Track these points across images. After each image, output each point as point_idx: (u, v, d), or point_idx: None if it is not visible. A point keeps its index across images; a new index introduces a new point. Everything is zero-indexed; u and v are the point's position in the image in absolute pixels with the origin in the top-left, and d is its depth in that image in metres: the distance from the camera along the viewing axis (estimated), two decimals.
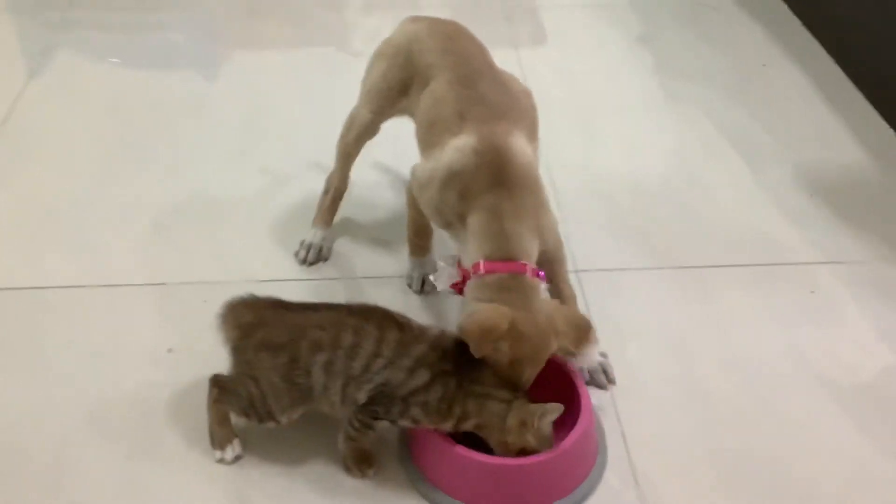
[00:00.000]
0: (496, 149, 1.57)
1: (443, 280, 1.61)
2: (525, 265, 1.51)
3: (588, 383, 1.68)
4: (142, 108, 2.55)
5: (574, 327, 1.52)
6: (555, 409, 1.44)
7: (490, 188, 1.55)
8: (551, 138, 2.09)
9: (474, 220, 1.55)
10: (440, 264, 1.63)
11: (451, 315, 1.84)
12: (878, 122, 2.54)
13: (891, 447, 1.64)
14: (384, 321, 1.49)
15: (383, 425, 1.49)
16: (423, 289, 1.90)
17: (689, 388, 1.74)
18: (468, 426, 1.46)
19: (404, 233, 2.04)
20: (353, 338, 1.46)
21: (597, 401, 1.62)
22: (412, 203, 1.76)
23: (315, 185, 2.16)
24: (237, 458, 1.55)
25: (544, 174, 1.74)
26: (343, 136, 1.96)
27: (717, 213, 2.21)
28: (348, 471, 1.54)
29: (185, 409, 1.64)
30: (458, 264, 1.61)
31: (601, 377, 1.70)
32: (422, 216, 1.76)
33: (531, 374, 1.47)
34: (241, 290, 1.73)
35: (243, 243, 2.06)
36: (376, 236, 2.08)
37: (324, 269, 1.99)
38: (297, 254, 2.00)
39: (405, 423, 1.48)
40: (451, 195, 1.59)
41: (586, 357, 1.69)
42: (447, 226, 1.64)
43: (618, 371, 1.74)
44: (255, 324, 1.51)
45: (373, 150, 2.04)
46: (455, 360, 1.46)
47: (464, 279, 1.57)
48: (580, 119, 2.52)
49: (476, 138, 1.58)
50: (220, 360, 1.55)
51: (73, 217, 2.13)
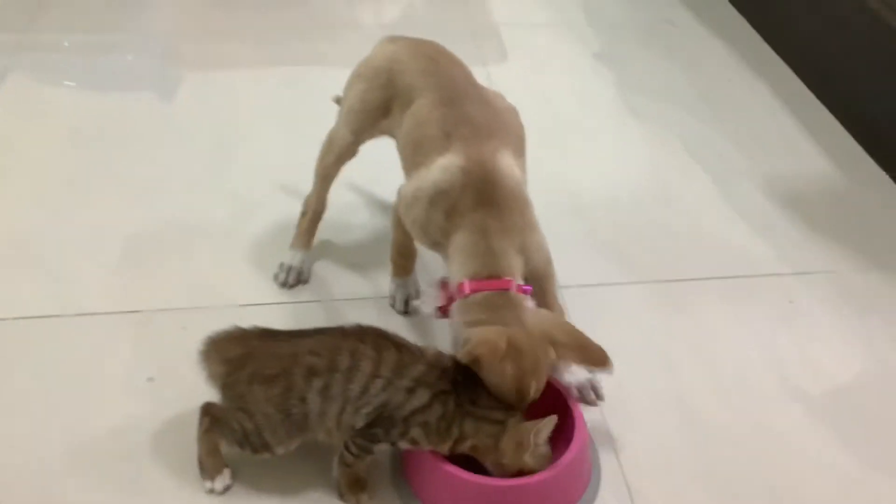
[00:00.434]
0: (483, 168, 1.57)
1: (428, 304, 1.61)
2: (510, 281, 1.50)
3: (577, 400, 1.67)
4: (102, 131, 2.50)
5: (571, 337, 1.50)
6: (549, 423, 1.43)
7: (477, 207, 1.54)
8: None
9: (459, 239, 1.54)
10: (425, 288, 1.62)
11: (434, 335, 1.83)
12: (843, 133, 2.59)
13: (873, 458, 1.66)
14: (381, 341, 1.47)
15: (381, 448, 1.47)
16: (406, 309, 1.88)
17: (675, 402, 1.75)
18: (465, 447, 1.45)
19: (383, 254, 2.02)
20: (349, 360, 1.43)
21: (587, 417, 1.62)
22: (397, 223, 1.75)
23: (286, 208, 2.14)
24: (227, 489, 1.52)
25: None
26: (322, 157, 1.93)
27: (690, 227, 2.23)
28: (342, 497, 1.51)
29: (170, 438, 1.60)
30: (443, 286, 1.59)
31: (590, 394, 1.70)
32: (406, 236, 1.74)
33: (538, 387, 1.46)
34: (221, 315, 1.71)
35: (219, 268, 2.02)
36: (355, 258, 2.06)
37: (304, 292, 1.96)
38: (276, 277, 1.97)
39: (404, 445, 1.46)
40: (438, 214, 1.58)
41: (575, 373, 1.70)
42: (434, 245, 1.62)
43: (605, 387, 1.74)
44: (244, 357, 1.47)
45: (347, 172, 2.02)
46: (453, 380, 1.45)
47: (449, 301, 1.56)
48: (549, 135, 2.53)
49: (463, 158, 1.58)
50: (203, 388, 1.51)
51: (39, 245, 2.07)
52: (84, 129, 2.50)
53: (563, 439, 1.51)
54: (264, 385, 1.44)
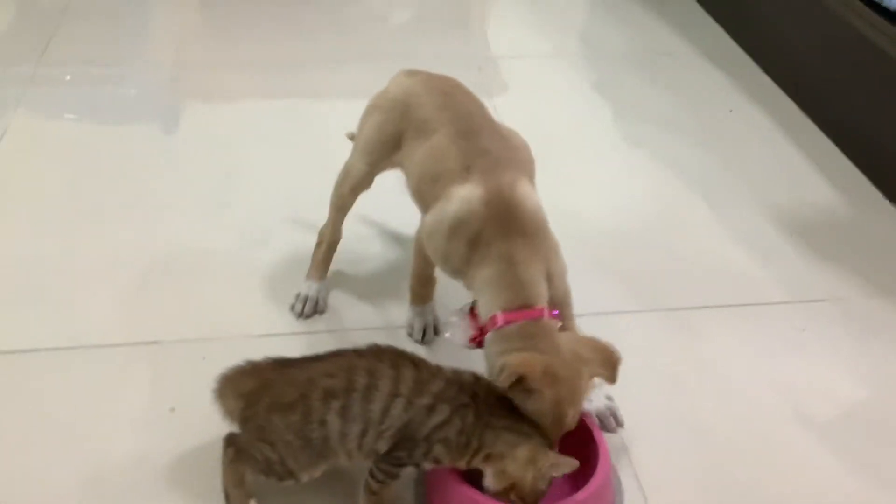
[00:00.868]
0: (504, 197, 1.59)
1: (458, 335, 1.61)
2: (542, 309, 1.52)
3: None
4: (106, 164, 2.51)
5: (595, 350, 1.53)
6: (569, 463, 1.43)
7: (501, 237, 1.56)
8: None
9: (488, 272, 1.55)
10: (452, 319, 1.63)
11: (453, 362, 1.84)
12: (844, 161, 2.63)
13: (882, 479, 1.69)
14: (398, 359, 1.48)
15: (407, 471, 1.47)
16: (423, 338, 1.89)
17: (692, 428, 1.77)
18: (479, 459, 1.44)
19: (397, 284, 2.05)
20: (367, 379, 1.44)
21: (608, 444, 1.63)
22: (419, 251, 1.77)
23: (297, 238, 2.16)
24: None
25: None
26: (338, 187, 1.95)
27: (697, 255, 2.25)
28: None
29: (194, 468, 1.61)
30: (472, 316, 1.61)
31: (610, 421, 1.71)
32: (427, 265, 1.76)
33: (575, 414, 1.48)
34: (239, 345, 1.72)
35: (234, 298, 2.03)
36: (369, 288, 2.07)
37: (320, 322, 1.97)
38: (293, 307, 1.98)
39: (428, 465, 1.46)
40: (459, 244, 1.59)
41: (593, 401, 1.71)
42: (456, 273, 1.64)
43: (623, 414, 1.75)
44: (260, 389, 1.47)
45: (359, 203, 2.03)
46: (472, 394, 1.45)
47: (480, 332, 1.57)
48: (552, 164, 2.51)
49: (483, 189, 1.60)
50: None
51: (51, 276, 2.08)
52: (88, 162, 2.51)
53: (587, 466, 1.51)
54: (283, 413, 1.45)
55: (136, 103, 2.91)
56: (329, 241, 2.00)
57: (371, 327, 1.96)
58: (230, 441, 1.51)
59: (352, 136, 2.01)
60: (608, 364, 1.53)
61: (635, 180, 2.55)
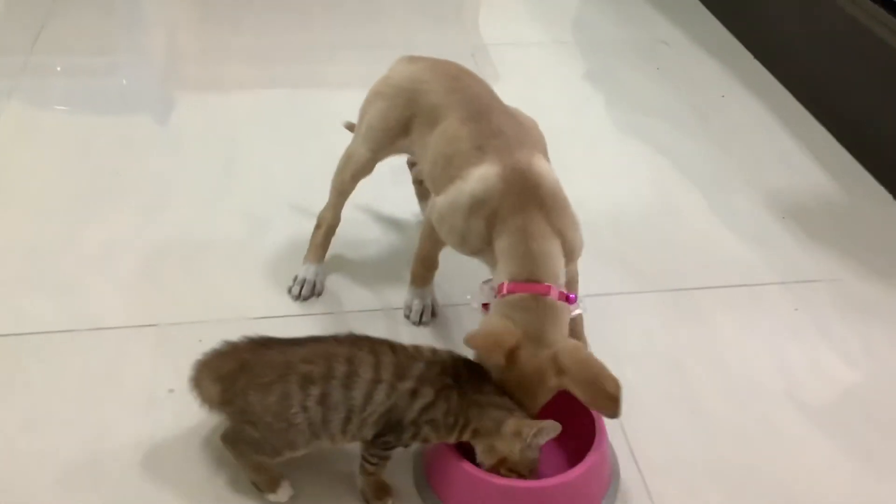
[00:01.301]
0: (521, 173, 1.59)
1: (477, 299, 1.62)
2: (549, 287, 1.51)
3: None
4: (101, 153, 2.50)
5: (580, 366, 1.45)
6: (551, 427, 1.44)
7: (517, 210, 1.56)
8: None
9: (502, 243, 1.56)
10: (481, 285, 1.63)
11: (449, 345, 1.85)
12: (836, 146, 2.65)
13: (878, 458, 1.70)
14: (376, 346, 1.48)
15: (397, 451, 1.48)
16: (421, 320, 1.90)
17: (689, 407, 1.78)
18: (467, 434, 1.46)
19: (393, 268, 2.06)
20: (346, 367, 1.44)
21: (606, 422, 1.64)
22: (428, 234, 1.77)
23: (296, 224, 2.17)
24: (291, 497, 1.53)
25: None
26: (339, 173, 1.96)
27: (693, 239, 2.26)
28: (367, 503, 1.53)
29: (193, 448, 1.62)
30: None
31: None
32: (434, 248, 1.78)
33: (530, 406, 1.48)
34: (236, 327, 1.70)
35: (232, 282, 2.04)
36: (366, 272, 2.08)
37: (317, 305, 1.98)
38: (290, 290, 1.99)
39: (417, 444, 1.48)
40: (478, 222, 1.60)
41: None
42: (475, 253, 1.65)
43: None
44: (237, 370, 1.47)
45: (356, 188, 2.04)
46: (454, 374, 1.46)
47: None
48: (551, 152, 2.56)
49: (499, 167, 1.60)
50: None
51: (51, 262, 2.08)
52: (82, 152, 2.50)
53: (584, 445, 1.53)
54: (260, 393, 1.44)
55: (129, 93, 2.90)
56: (328, 225, 2.01)
57: (368, 309, 1.97)
58: (224, 439, 1.51)
59: (349, 126, 2.01)
60: (595, 397, 1.44)
61: (629, 166, 2.56)
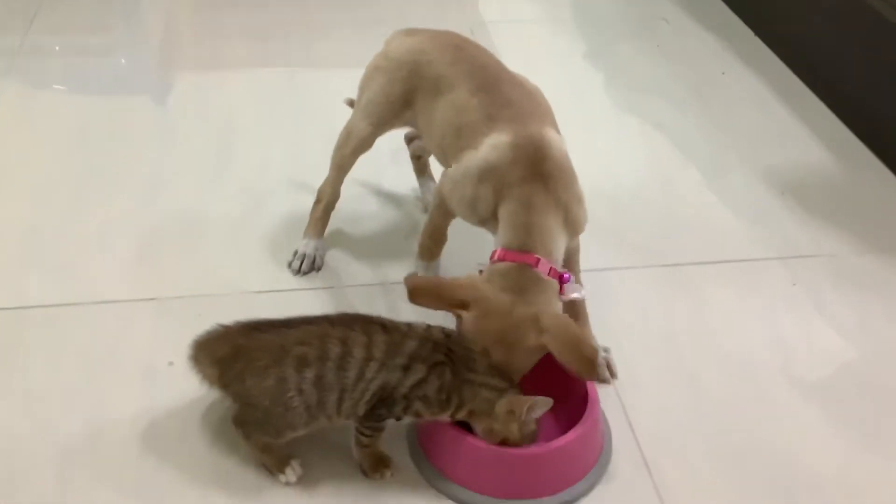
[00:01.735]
0: (533, 142, 1.60)
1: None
2: (536, 259, 1.52)
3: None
4: (99, 134, 2.50)
5: (561, 330, 1.47)
6: (543, 402, 1.46)
7: (523, 180, 1.57)
8: None
9: (504, 211, 1.57)
10: (476, 266, 1.64)
11: (448, 322, 1.87)
12: (835, 122, 2.65)
13: (872, 431, 1.71)
14: (368, 325, 1.49)
15: (390, 423, 1.50)
16: None
17: (684, 379, 1.79)
18: (463, 414, 1.47)
19: (392, 242, 2.07)
20: (340, 348, 1.45)
21: (602, 393, 1.65)
22: (439, 205, 1.77)
23: (296, 200, 2.18)
24: (300, 477, 1.53)
25: None
26: (339, 147, 1.96)
27: (691, 215, 2.27)
28: (367, 476, 1.54)
29: (193, 420, 1.63)
30: None
31: (604, 371, 1.74)
32: (444, 220, 1.79)
33: (513, 366, 1.49)
34: (236, 302, 1.74)
35: (231, 257, 2.05)
36: (365, 247, 2.09)
37: (316, 279, 1.99)
38: (290, 264, 2.00)
39: (409, 418, 1.49)
40: (486, 190, 1.60)
41: None
42: (482, 222, 1.65)
43: (617, 365, 1.78)
44: (232, 355, 1.48)
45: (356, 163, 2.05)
46: (447, 352, 1.47)
47: None
48: None
49: (511, 135, 1.61)
50: None
51: (52, 239, 2.09)
52: (80, 132, 2.51)
53: (578, 412, 1.55)
54: (257, 378, 1.45)
55: (127, 73, 2.91)
56: (328, 200, 2.01)
57: (367, 283, 1.98)
58: (235, 420, 1.52)
59: (350, 102, 2.01)
60: (574, 359, 1.45)
61: (628, 143, 2.56)
